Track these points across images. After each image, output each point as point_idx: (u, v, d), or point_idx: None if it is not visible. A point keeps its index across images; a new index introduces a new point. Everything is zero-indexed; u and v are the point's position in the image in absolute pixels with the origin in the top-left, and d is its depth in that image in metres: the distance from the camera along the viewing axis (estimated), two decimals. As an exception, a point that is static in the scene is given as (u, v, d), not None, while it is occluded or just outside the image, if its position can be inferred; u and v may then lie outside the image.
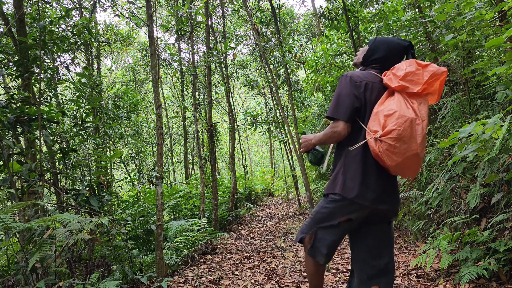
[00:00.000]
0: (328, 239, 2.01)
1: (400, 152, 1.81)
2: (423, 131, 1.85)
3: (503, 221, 2.96)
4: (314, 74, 9.42)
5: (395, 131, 1.79)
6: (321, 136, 2.09)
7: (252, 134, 22.54)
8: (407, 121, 1.81)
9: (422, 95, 1.92)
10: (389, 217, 2.03)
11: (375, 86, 2.00)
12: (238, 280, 3.87)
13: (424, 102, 1.91)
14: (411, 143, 1.82)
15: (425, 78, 1.88)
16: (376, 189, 1.94)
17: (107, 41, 8.56)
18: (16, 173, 3.28)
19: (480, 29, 4.15)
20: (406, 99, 1.89)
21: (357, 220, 2.00)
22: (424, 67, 1.91)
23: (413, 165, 1.89)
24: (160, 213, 3.70)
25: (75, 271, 2.89)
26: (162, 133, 3.85)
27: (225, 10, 10.66)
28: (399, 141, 1.80)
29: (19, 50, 3.89)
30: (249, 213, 9.82)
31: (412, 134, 1.82)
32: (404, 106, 1.85)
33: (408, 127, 1.81)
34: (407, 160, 1.84)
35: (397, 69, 1.95)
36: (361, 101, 1.97)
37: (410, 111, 1.85)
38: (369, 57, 2.14)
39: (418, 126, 1.84)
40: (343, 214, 1.97)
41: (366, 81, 2.00)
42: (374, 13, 7.75)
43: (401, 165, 1.85)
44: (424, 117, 1.86)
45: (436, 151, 4.37)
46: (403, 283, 3.31)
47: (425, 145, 1.92)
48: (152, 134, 13.06)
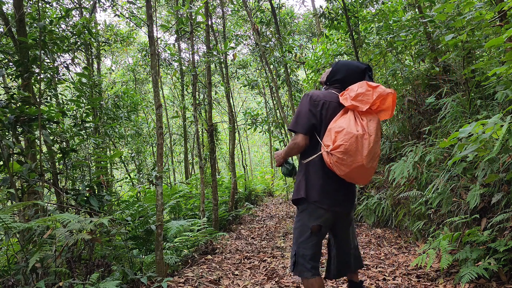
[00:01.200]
0: (309, 253, 2.24)
1: (347, 164, 2.10)
2: (369, 145, 2.11)
3: (503, 221, 2.96)
4: (314, 74, 9.41)
5: (342, 146, 2.08)
6: (286, 149, 2.38)
7: (252, 134, 22.55)
8: (353, 137, 2.08)
9: (374, 112, 2.21)
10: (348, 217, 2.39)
11: (331, 105, 2.28)
12: (238, 280, 3.87)
13: (374, 119, 2.18)
14: (356, 156, 2.09)
15: (374, 98, 2.14)
16: (332, 194, 2.24)
17: (107, 41, 8.56)
18: (16, 173, 3.28)
19: (480, 29, 4.16)
20: (357, 116, 2.16)
21: (326, 226, 2.29)
22: (374, 88, 2.16)
23: (361, 174, 2.16)
24: (160, 213, 3.70)
25: (75, 271, 2.89)
26: (162, 133, 3.85)
27: (225, 10, 10.66)
28: (346, 154, 2.08)
29: (19, 50, 3.89)
30: (249, 213, 9.82)
31: (357, 149, 2.09)
32: (353, 123, 2.13)
33: (354, 142, 2.08)
34: (354, 170, 2.11)
35: (351, 90, 2.21)
36: (317, 118, 2.25)
37: (358, 127, 2.12)
38: (331, 77, 2.43)
39: (365, 140, 2.11)
40: (313, 221, 2.24)
41: (323, 101, 2.28)
42: (374, 13, 7.75)
43: (349, 174, 2.13)
44: (372, 132, 2.13)
45: (436, 151, 4.37)
46: (403, 283, 3.31)
47: (375, 156, 2.19)
48: (152, 134, 13.06)
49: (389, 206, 5.64)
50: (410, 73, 6.53)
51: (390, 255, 4.42)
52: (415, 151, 4.79)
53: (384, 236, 5.44)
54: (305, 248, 2.24)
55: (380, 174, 6.58)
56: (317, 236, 2.26)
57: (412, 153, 4.84)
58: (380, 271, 3.74)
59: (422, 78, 6.23)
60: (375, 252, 4.61)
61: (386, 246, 4.90)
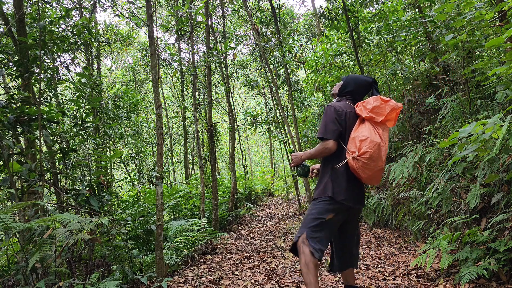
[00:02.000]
0: (319, 236, 2.47)
1: (371, 168, 2.43)
2: (386, 151, 2.47)
3: (503, 221, 2.96)
4: (314, 74, 9.41)
5: (368, 152, 2.40)
6: (312, 152, 2.63)
7: (252, 134, 22.54)
8: (376, 145, 2.41)
9: (383, 123, 2.52)
10: (358, 214, 2.71)
11: (351, 115, 2.61)
12: (238, 280, 3.87)
13: (386, 128, 2.52)
14: (378, 161, 2.43)
15: (387, 111, 2.49)
16: (354, 193, 2.55)
17: (107, 41, 8.56)
18: (16, 173, 3.28)
19: (480, 29, 4.15)
20: (373, 126, 2.49)
21: (339, 219, 2.56)
22: (386, 102, 2.51)
23: (379, 176, 2.52)
24: (160, 213, 3.70)
25: (75, 271, 2.89)
26: (162, 133, 3.85)
27: (225, 10, 10.66)
28: (370, 160, 2.40)
29: (19, 50, 3.89)
30: (249, 213, 9.82)
31: (379, 155, 2.43)
32: (374, 132, 2.46)
33: (376, 149, 2.41)
34: (375, 173, 2.47)
35: (367, 103, 2.53)
36: (343, 126, 2.56)
37: (377, 136, 2.45)
38: (343, 90, 2.75)
39: (382, 148, 2.45)
40: (330, 211, 2.50)
41: (346, 111, 2.60)
42: (374, 13, 7.74)
43: (371, 177, 2.48)
44: (386, 140, 2.49)
45: (436, 151, 4.36)
46: (403, 283, 3.31)
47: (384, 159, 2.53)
48: (152, 134, 13.06)
49: (389, 206, 5.64)
50: (410, 73, 6.53)
51: (390, 255, 4.42)
52: (415, 151, 4.79)
53: (384, 236, 5.44)
54: (315, 233, 2.47)
55: (380, 174, 6.57)
56: (332, 227, 2.54)
57: (412, 153, 4.84)
58: (380, 271, 3.74)
59: (422, 78, 6.23)
60: (375, 252, 4.61)
61: (386, 246, 4.90)
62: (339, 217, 2.53)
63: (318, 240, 2.43)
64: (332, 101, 2.75)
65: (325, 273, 3.83)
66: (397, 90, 7.09)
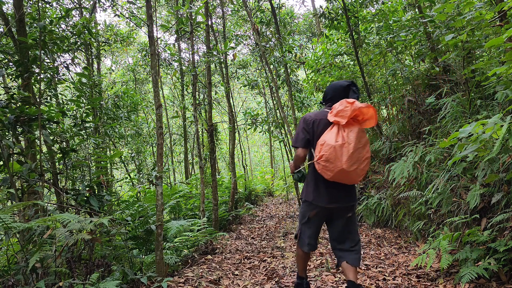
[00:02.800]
0: (307, 231, 2.88)
1: (330, 169, 2.58)
2: (349, 151, 2.54)
3: (503, 221, 2.96)
4: (314, 74, 9.41)
5: (324, 155, 2.58)
6: (293, 161, 2.95)
7: (252, 134, 22.54)
8: (331, 148, 2.55)
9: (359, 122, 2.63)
10: (344, 212, 2.80)
11: (322, 121, 2.76)
12: (238, 280, 3.87)
13: (354, 129, 2.58)
14: (336, 163, 2.55)
15: (350, 112, 2.56)
16: (325, 194, 2.74)
17: (107, 41, 8.56)
18: (16, 173, 3.28)
19: (480, 29, 4.15)
20: (340, 129, 2.61)
21: (321, 215, 2.83)
22: (352, 104, 2.58)
23: (345, 176, 2.59)
24: (160, 213, 3.70)
25: (75, 271, 2.89)
26: (162, 133, 3.85)
27: (225, 10, 10.66)
28: (328, 162, 2.57)
29: (19, 50, 3.89)
30: (249, 213, 9.82)
31: (337, 156, 2.54)
32: (334, 136, 2.59)
33: (333, 151, 2.55)
34: (337, 174, 2.58)
35: (334, 108, 2.67)
36: (310, 134, 2.77)
37: (339, 138, 2.58)
38: (324, 98, 2.96)
39: (345, 149, 2.54)
40: (310, 211, 2.83)
41: (314, 119, 2.79)
42: (374, 13, 7.74)
43: (334, 177, 2.61)
44: (352, 140, 2.55)
45: (436, 151, 4.36)
46: (403, 283, 3.31)
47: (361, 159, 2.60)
48: (152, 134, 13.06)
49: (389, 206, 5.64)
50: (410, 73, 6.53)
51: (390, 255, 4.42)
52: (415, 151, 4.79)
53: (384, 236, 5.44)
54: (305, 229, 2.90)
55: (380, 174, 6.58)
56: (314, 222, 2.86)
57: (412, 153, 4.84)
58: (380, 271, 3.74)
59: (422, 78, 6.23)
60: (375, 252, 4.61)
61: (386, 246, 4.90)
62: (320, 215, 2.83)
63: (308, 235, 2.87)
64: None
65: (325, 273, 3.83)
66: (397, 90, 7.09)
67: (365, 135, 2.63)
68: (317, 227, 2.88)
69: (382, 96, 7.83)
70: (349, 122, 2.59)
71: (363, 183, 7.16)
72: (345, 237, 2.83)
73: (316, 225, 2.87)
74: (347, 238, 2.83)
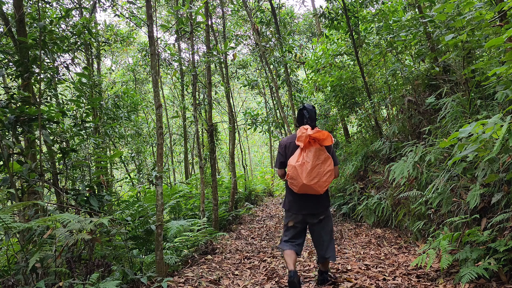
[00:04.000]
0: (288, 234, 3.40)
1: (295, 184, 3.13)
2: (307, 169, 3.05)
3: (503, 221, 2.96)
4: (314, 74, 9.41)
5: (289, 174, 3.16)
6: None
7: (252, 134, 22.54)
8: (293, 168, 3.11)
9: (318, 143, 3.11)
10: (315, 218, 3.31)
11: (292, 144, 3.32)
12: (238, 280, 3.87)
13: (312, 149, 3.09)
14: (298, 179, 3.09)
15: (304, 138, 3.07)
16: (297, 203, 3.32)
17: (107, 41, 8.56)
18: (16, 173, 3.28)
19: (480, 29, 4.15)
20: (302, 150, 3.13)
21: (296, 221, 3.34)
22: (306, 130, 3.08)
23: (308, 189, 3.11)
24: (160, 213, 3.70)
25: (75, 271, 2.89)
26: (162, 133, 3.85)
27: (225, 10, 10.66)
28: (292, 179, 3.14)
29: (19, 50, 3.89)
30: (249, 213, 9.82)
31: (297, 174, 3.07)
32: (296, 157, 3.12)
33: (294, 170, 3.09)
34: (301, 187, 3.11)
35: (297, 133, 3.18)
36: (284, 156, 3.37)
37: (300, 159, 3.09)
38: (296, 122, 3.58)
39: (304, 167, 3.06)
40: (288, 218, 3.40)
41: (286, 143, 3.37)
42: (374, 13, 7.74)
43: (300, 190, 3.14)
44: (310, 159, 3.06)
45: (436, 151, 4.37)
46: (403, 283, 3.31)
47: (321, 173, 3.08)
48: (152, 134, 13.06)
49: (389, 206, 5.64)
50: (410, 73, 6.53)
51: (390, 255, 4.42)
52: (415, 151, 4.79)
53: (384, 236, 5.45)
54: (286, 233, 3.42)
55: (380, 174, 6.58)
56: (294, 228, 3.37)
57: (412, 153, 4.84)
58: (380, 271, 3.75)
59: (422, 78, 6.23)
60: (375, 252, 4.61)
61: (386, 246, 4.90)
62: (296, 221, 3.34)
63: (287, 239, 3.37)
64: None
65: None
66: (397, 90, 7.09)
67: (324, 153, 3.10)
68: (294, 230, 3.38)
69: (382, 96, 7.83)
70: (307, 144, 3.10)
71: (363, 183, 7.17)
72: (321, 239, 3.35)
73: (297, 230, 3.38)
74: (323, 240, 3.35)
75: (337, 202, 7.80)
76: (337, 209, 7.83)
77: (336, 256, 3.71)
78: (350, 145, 8.64)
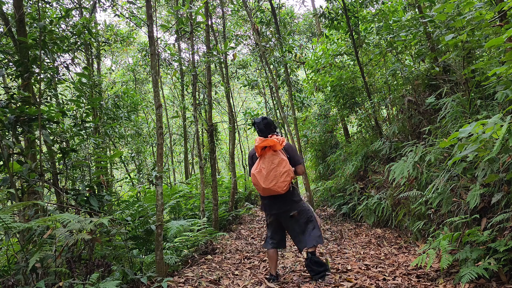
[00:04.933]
0: (268, 233, 3.84)
1: (259, 188, 3.55)
2: (263, 175, 3.47)
3: (503, 221, 2.96)
4: (314, 74, 9.41)
5: (252, 181, 3.58)
6: None
7: (252, 134, 22.53)
8: (253, 175, 3.54)
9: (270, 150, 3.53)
10: (285, 215, 3.66)
11: (255, 155, 3.70)
12: (238, 280, 3.87)
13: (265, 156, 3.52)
14: (258, 184, 3.50)
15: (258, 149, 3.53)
16: (268, 205, 3.73)
17: (107, 41, 8.56)
18: (16, 173, 3.28)
19: (480, 29, 4.15)
20: (260, 159, 3.55)
21: (272, 220, 3.78)
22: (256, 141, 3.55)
23: (269, 191, 3.50)
24: (160, 213, 3.70)
25: (75, 271, 2.89)
26: (162, 133, 3.85)
27: (225, 10, 10.66)
28: (255, 185, 3.57)
29: (19, 50, 3.89)
30: (249, 213, 9.82)
31: (257, 180, 3.50)
32: (255, 166, 3.57)
33: (254, 177, 3.53)
34: (264, 191, 3.52)
35: None
36: (251, 164, 3.77)
37: (257, 167, 3.53)
38: None
39: (260, 173, 3.48)
40: (267, 217, 3.86)
41: (252, 154, 3.80)
42: (374, 13, 7.74)
43: (263, 192, 3.56)
44: (264, 166, 3.48)
45: (436, 151, 4.37)
46: (403, 283, 3.31)
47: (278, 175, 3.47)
48: (152, 134, 13.06)
49: (389, 206, 5.64)
50: (410, 73, 6.53)
51: (390, 255, 4.42)
52: (415, 151, 4.79)
53: (384, 236, 5.45)
54: (267, 231, 3.85)
55: (380, 174, 6.58)
56: (271, 226, 3.80)
57: (412, 153, 4.84)
58: (380, 271, 3.75)
59: (422, 78, 6.23)
60: (375, 252, 4.61)
61: (386, 246, 4.90)
62: (272, 219, 3.77)
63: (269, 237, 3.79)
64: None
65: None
66: (397, 90, 7.09)
67: (277, 157, 3.48)
68: (273, 228, 3.79)
69: (382, 96, 7.83)
70: (261, 153, 3.53)
71: (363, 183, 7.16)
72: (296, 232, 3.67)
73: (273, 227, 3.79)
74: (298, 233, 3.67)
75: (337, 202, 7.80)
76: (337, 209, 7.83)
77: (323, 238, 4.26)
78: (350, 145, 8.64)
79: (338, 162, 8.67)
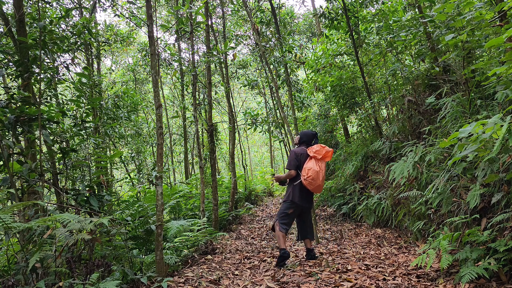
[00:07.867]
0: (285, 221, 4.45)
1: (313, 184, 4.37)
2: (323, 175, 4.44)
3: (503, 221, 2.96)
4: (314, 74, 9.41)
5: (310, 176, 4.37)
6: (283, 176, 4.69)
7: (252, 134, 22.55)
8: (315, 172, 4.38)
9: (322, 159, 4.47)
10: (308, 209, 4.62)
11: (303, 155, 4.59)
12: (238, 280, 3.87)
13: (323, 162, 4.49)
14: (317, 181, 4.37)
15: (323, 152, 4.46)
16: (302, 198, 4.48)
17: (107, 41, 8.55)
18: (16, 173, 3.28)
19: (480, 29, 4.15)
20: (316, 161, 4.46)
21: (296, 210, 4.49)
22: (323, 148, 4.49)
23: (318, 188, 4.43)
24: (160, 213, 3.70)
25: (75, 271, 2.89)
26: (162, 133, 3.85)
27: (225, 10, 10.66)
28: (313, 179, 4.36)
29: (19, 50, 3.89)
30: (249, 213, 9.82)
31: (317, 177, 4.36)
32: (315, 165, 4.42)
33: (316, 174, 4.37)
34: (316, 187, 4.40)
35: (313, 148, 4.54)
36: (299, 161, 4.56)
37: (317, 167, 4.40)
38: (300, 141, 4.79)
39: (320, 173, 4.40)
40: (290, 208, 4.49)
41: (300, 153, 4.60)
42: (374, 13, 7.74)
43: (313, 189, 4.40)
44: (323, 169, 4.45)
45: (436, 151, 4.36)
46: (403, 283, 3.31)
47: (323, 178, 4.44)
48: (152, 134, 13.06)
49: (389, 206, 5.64)
50: (410, 73, 6.53)
51: (390, 255, 4.42)
52: (415, 151, 4.79)
53: (384, 236, 5.44)
54: (283, 220, 4.45)
55: (380, 174, 6.58)
56: (292, 215, 4.49)
57: (412, 153, 4.84)
58: (380, 271, 3.74)
59: (422, 78, 6.22)
60: (375, 252, 4.61)
61: (386, 246, 4.90)
62: (295, 211, 4.49)
63: (284, 223, 4.42)
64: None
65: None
66: (397, 90, 7.09)
67: (325, 166, 4.55)
68: (291, 217, 4.50)
69: (382, 96, 7.83)
70: (321, 158, 4.44)
71: (363, 183, 7.16)
72: (307, 225, 4.63)
73: (292, 217, 4.52)
74: (308, 226, 4.63)
75: (337, 202, 7.79)
76: (337, 209, 7.82)
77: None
78: (350, 145, 8.64)
79: (338, 162, 8.67)
